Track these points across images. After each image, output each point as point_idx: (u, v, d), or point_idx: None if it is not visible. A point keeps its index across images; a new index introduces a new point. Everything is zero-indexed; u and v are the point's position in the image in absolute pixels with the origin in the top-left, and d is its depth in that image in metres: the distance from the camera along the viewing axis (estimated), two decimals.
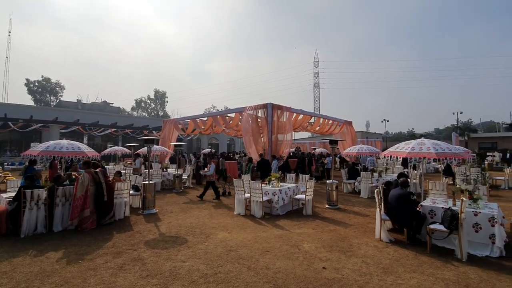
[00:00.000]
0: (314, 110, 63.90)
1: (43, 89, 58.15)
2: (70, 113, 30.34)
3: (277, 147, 12.59)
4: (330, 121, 17.82)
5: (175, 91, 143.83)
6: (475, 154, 18.88)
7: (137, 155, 14.00)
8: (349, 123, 19.12)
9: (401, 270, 4.04)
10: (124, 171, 12.31)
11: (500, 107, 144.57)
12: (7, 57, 50.74)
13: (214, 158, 16.57)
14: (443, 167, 13.76)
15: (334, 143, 8.99)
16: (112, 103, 53.89)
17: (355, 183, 10.83)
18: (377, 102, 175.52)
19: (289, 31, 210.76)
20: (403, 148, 6.02)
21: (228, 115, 16.39)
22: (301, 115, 15.33)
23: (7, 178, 11.31)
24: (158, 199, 8.75)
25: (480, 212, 4.73)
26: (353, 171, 11.27)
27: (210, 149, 27.20)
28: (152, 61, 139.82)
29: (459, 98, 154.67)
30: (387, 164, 14.19)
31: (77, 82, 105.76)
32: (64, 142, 7.57)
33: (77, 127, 26.67)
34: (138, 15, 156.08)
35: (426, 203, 5.46)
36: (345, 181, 11.28)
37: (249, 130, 12.90)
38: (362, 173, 10.35)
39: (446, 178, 12.55)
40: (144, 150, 14.93)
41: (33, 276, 3.84)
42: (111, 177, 7.74)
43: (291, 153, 17.66)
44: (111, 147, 19.83)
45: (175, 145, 15.10)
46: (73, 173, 7.74)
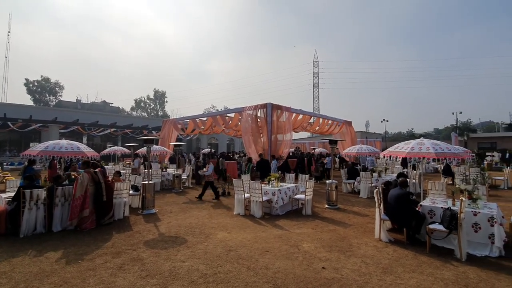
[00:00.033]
0: (314, 110, 63.93)
1: (42, 89, 58.06)
2: (70, 113, 30.30)
3: (276, 147, 12.59)
4: (330, 121, 17.84)
5: (174, 91, 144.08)
6: (474, 154, 18.89)
7: (135, 155, 14.00)
8: (349, 123, 19.16)
9: (401, 270, 4.04)
10: (123, 171, 12.31)
11: (499, 107, 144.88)
12: (6, 57, 50.85)
13: (214, 158, 16.60)
14: (442, 167, 13.76)
15: (333, 143, 8.99)
16: (112, 103, 53.88)
17: (354, 183, 10.84)
18: (376, 102, 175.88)
19: (289, 31, 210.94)
20: (402, 148, 6.03)
21: (228, 115, 16.38)
22: (300, 115, 15.34)
23: (6, 178, 11.31)
24: (158, 199, 8.74)
25: (479, 212, 4.73)
26: (352, 171, 11.28)
27: (209, 149, 27.20)
28: (152, 61, 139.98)
29: (458, 98, 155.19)
30: (386, 164, 14.22)
31: (77, 82, 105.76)
32: (64, 142, 7.58)
33: (77, 127, 26.65)
34: (138, 15, 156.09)
35: (426, 203, 5.46)
36: (345, 181, 11.29)
37: (248, 130, 12.89)
38: (361, 173, 10.36)
39: (445, 178, 12.56)
40: (143, 150, 14.96)
41: (32, 276, 3.83)
42: (110, 177, 7.74)
43: (290, 153, 17.66)
44: (111, 147, 19.80)
45: (174, 145, 15.14)
46: (73, 173, 7.73)
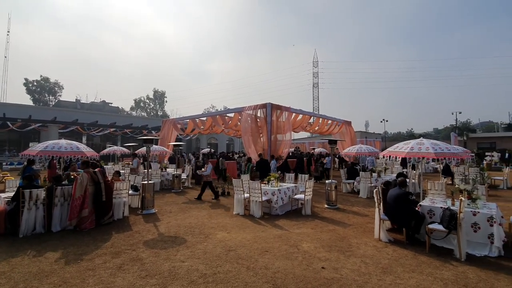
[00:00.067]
0: (313, 110, 63.91)
1: (41, 89, 57.96)
2: (69, 113, 30.27)
3: (276, 147, 12.58)
4: (329, 121, 17.84)
5: (174, 91, 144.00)
6: (473, 154, 18.90)
7: (134, 155, 14.00)
8: (348, 123, 19.16)
9: (400, 270, 4.05)
10: (122, 171, 12.30)
11: (499, 107, 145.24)
12: (5, 57, 50.75)
13: (213, 158, 16.60)
14: (442, 167, 13.78)
15: (333, 143, 8.99)
16: (111, 103, 53.73)
17: (354, 183, 10.85)
18: (376, 102, 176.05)
19: (289, 31, 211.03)
20: (402, 148, 6.04)
21: (227, 115, 16.37)
22: (300, 115, 15.33)
23: (5, 178, 11.29)
24: (157, 199, 8.74)
25: (478, 212, 4.74)
26: (352, 171, 11.28)
27: (209, 149, 27.20)
28: (152, 61, 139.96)
29: (458, 98, 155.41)
30: (386, 164, 14.22)
31: (76, 82, 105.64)
32: (63, 142, 7.58)
33: (76, 127, 26.63)
34: (138, 15, 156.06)
35: (425, 203, 5.46)
36: (344, 181, 11.29)
37: (248, 130, 12.88)
38: (361, 173, 10.36)
39: (445, 178, 12.56)
40: (142, 150, 14.96)
41: (31, 276, 3.83)
42: (110, 177, 7.73)
43: (290, 153, 17.65)
44: (110, 147, 19.80)
45: (174, 145, 15.13)
46: (72, 173, 7.72)
